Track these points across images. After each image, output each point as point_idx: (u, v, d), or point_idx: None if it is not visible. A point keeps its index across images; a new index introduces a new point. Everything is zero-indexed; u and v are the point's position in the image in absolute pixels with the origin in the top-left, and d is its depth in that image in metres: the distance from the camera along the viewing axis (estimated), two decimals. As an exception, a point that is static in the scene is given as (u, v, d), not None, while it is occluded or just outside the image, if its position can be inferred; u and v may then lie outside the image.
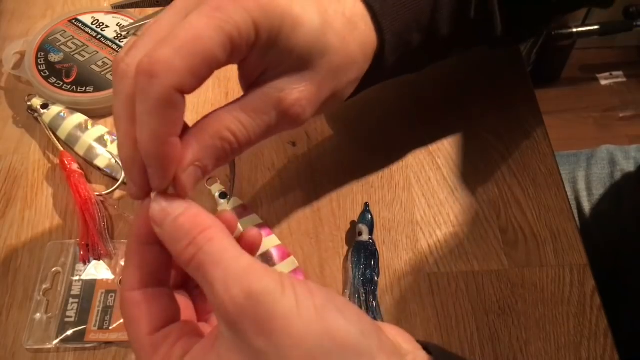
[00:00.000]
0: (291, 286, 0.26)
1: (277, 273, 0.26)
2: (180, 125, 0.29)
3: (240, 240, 0.32)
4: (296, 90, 0.34)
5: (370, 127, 0.56)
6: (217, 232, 0.28)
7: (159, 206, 0.29)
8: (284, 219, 0.50)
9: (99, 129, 0.54)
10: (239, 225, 0.36)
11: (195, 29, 0.28)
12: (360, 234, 0.48)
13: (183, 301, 0.33)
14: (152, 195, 0.30)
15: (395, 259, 0.48)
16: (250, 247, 0.33)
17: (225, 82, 0.58)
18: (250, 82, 0.34)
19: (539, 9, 0.50)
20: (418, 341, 0.31)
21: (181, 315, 0.32)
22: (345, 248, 0.48)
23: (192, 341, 0.29)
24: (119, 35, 0.60)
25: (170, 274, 0.32)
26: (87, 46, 0.59)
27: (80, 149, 0.53)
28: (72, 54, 0.58)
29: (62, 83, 0.56)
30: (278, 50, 0.32)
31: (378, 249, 0.47)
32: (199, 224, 0.28)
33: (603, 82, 1.76)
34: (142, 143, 0.28)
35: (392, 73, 0.46)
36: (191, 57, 0.28)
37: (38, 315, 0.45)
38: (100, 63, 0.58)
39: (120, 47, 0.59)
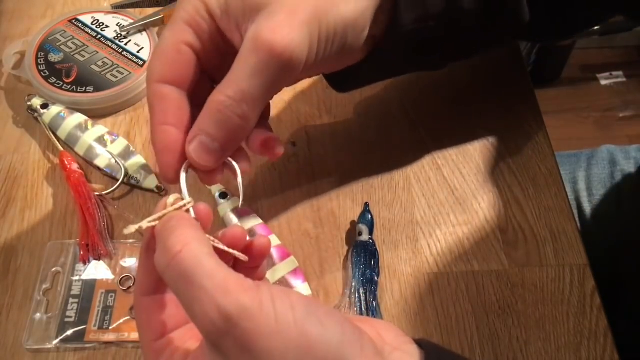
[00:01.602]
0: (270, 301, 0.26)
1: (254, 288, 0.26)
2: (175, 116, 0.33)
3: (249, 247, 0.32)
4: (264, 23, 0.32)
5: (370, 127, 0.56)
6: (190, 241, 0.27)
7: (169, 217, 0.30)
8: (284, 219, 0.50)
9: (99, 129, 0.54)
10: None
11: (165, 33, 0.34)
12: (360, 233, 0.48)
13: None
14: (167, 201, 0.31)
15: (395, 258, 0.48)
16: (259, 255, 0.33)
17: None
18: None
19: (570, 10, 0.48)
20: (413, 339, 0.31)
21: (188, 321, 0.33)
22: (345, 248, 0.48)
23: (192, 349, 0.30)
24: (119, 35, 0.60)
25: None
26: (87, 46, 0.59)
27: (80, 149, 0.53)
28: (72, 54, 0.58)
29: (62, 83, 0.56)
30: (233, 3, 0.33)
31: (378, 249, 0.47)
32: (175, 232, 0.28)
33: (603, 82, 1.76)
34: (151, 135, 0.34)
35: (413, 46, 0.42)
36: (160, 52, 0.34)
37: (38, 315, 0.45)
38: (100, 63, 0.58)
39: (120, 47, 0.59)
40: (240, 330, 0.25)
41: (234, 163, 0.35)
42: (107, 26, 0.61)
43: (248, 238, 0.32)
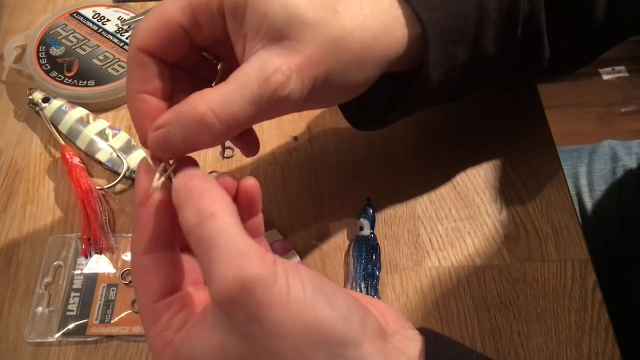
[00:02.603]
0: (284, 276, 0.27)
1: (271, 260, 0.27)
2: (153, 86, 0.33)
3: (236, 194, 0.33)
4: (276, 58, 0.32)
5: (372, 121, 0.56)
6: (220, 208, 0.28)
7: (183, 175, 0.30)
8: (285, 214, 0.50)
9: (100, 122, 0.54)
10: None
11: (163, 3, 0.33)
12: (361, 228, 0.48)
13: (190, 263, 0.34)
14: (171, 162, 0.32)
15: (396, 253, 0.48)
16: (248, 200, 0.33)
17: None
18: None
19: (586, 38, 0.47)
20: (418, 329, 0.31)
21: (187, 278, 0.33)
22: (347, 242, 0.48)
23: (192, 313, 0.30)
24: (120, 29, 0.60)
25: (176, 237, 0.32)
26: (88, 40, 0.59)
27: (81, 143, 0.53)
28: (73, 47, 0.58)
29: (63, 77, 0.56)
30: (252, 17, 0.32)
31: (379, 244, 0.47)
32: (206, 196, 0.29)
33: (605, 77, 1.76)
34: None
35: (436, 95, 0.43)
36: (151, 21, 0.33)
37: (40, 309, 0.45)
38: (101, 57, 0.58)
39: (121, 40, 0.59)
40: (253, 299, 0.26)
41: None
42: (108, 20, 0.61)
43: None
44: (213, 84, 0.38)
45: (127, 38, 0.59)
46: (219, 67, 0.38)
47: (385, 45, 0.36)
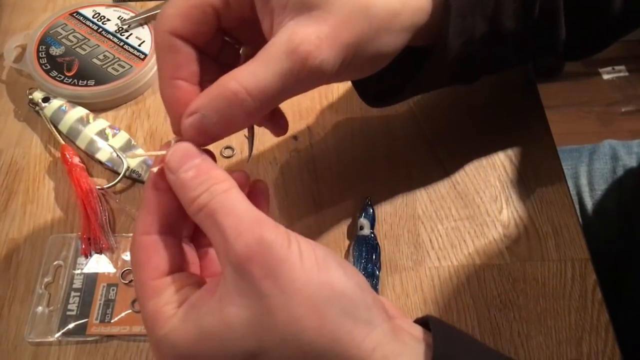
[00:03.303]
0: (296, 241, 0.28)
1: (284, 228, 0.29)
2: (187, 71, 0.32)
3: (248, 193, 0.34)
4: (305, 29, 0.31)
5: (372, 120, 0.56)
6: (231, 186, 0.30)
7: (175, 154, 0.31)
8: (285, 213, 0.50)
9: (100, 122, 0.54)
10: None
11: None
12: (361, 228, 0.48)
13: (191, 255, 0.34)
14: (173, 141, 0.32)
15: (396, 253, 0.48)
16: (259, 197, 0.34)
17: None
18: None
19: (601, 23, 0.47)
20: (419, 318, 0.32)
21: (189, 267, 0.33)
22: (347, 242, 0.48)
23: (194, 291, 0.30)
24: (120, 29, 0.60)
25: (182, 225, 0.33)
26: (88, 40, 0.59)
27: (81, 143, 0.53)
28: (73, 47, 0.58)
29: (63, 76, 0.56)
30: None
31: (379, 243, 0.47)
32: (214, 176, 0.30)
33: (605, 77, 1.76)
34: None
35: (452, 70, 0.43)
36: (181, 3, 0.32)
37: (40, 308, 0.45)
38: (101, 57, 0.58)
39: (121, 40, 0.59)
40: (271, 255, 0.27)
41: None
42: (108, 19, 0.61)
43: None
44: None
45: (127, 38, 0.59)
46: (241, 51, 0.38)
47: (412, 11, 0.36)
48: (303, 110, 0.56)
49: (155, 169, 0.31)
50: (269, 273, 0.27)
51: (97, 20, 0.61)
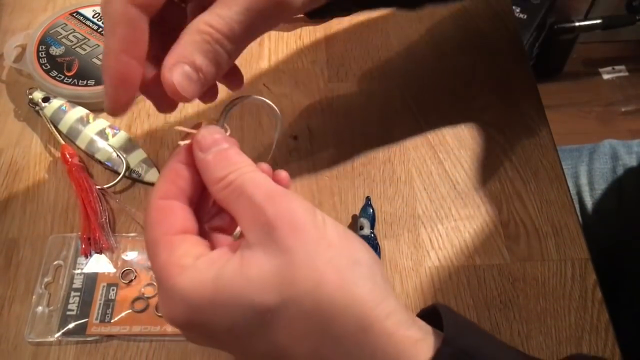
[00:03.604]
0: (321, 214, 0.29)
1: (310, 204, 0.30)
2: (140, 48, 0.30)
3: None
4: None
5: (372, 121, 0.56)
6: (257, 169, 0.31)
7: (210, 135, 0.31)
8: (285, 213, 0.50)
9: (100, 122, 0.54)
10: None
11: None
12: (361, 228, 0.47)
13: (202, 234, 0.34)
14: (204, 124, 0.32)
15: (396, 252, 0.48)
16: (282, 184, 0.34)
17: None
18: None
19: None
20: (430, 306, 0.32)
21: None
22: (347, 242, 0.48)
23: (209, 250, 0.30)
24: (120, 29, 0.60)
25: (196, 200, 0.32)
26: (88, 39, 0.59)
27: (81, 143, 0.53)
28: (73, 47, 0.58)
29: (63, 76, 0.56)
30: None
31: (379, 243, 0.47)
32: (242, 160, 0.31)
33: (605, 77, 1.76)
34: (102, 61, 0.31)
35: None
36: None
37: (40, 308, 0.45)
38: (101, 56, 0.57)
39: (121, 40, 0.59)
40: (297, 218, 0.28)
41: (274, 107, 0.35)
42: (108, 19, 0.61)
43: None
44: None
45: (127, 37, 0.59)
46: (188, 10, 0.37)
47: None
48: (303, 110, 0.56)
49: (182, 143, 0.32)
50: (295, 232, 0.28)
51: (97, 20, 0.61)
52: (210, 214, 0.33)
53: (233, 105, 0.34)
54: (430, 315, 0.31)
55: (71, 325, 0.44)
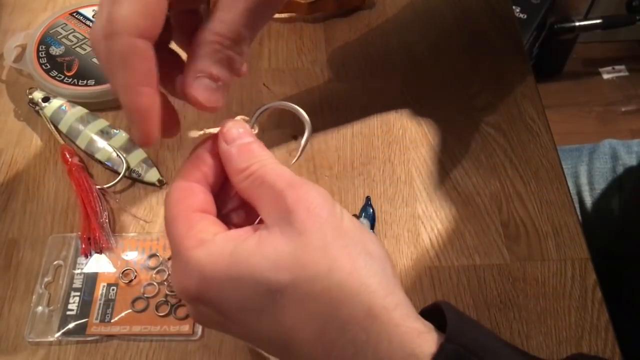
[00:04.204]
0: (339, 206, 0.31)
1: (330, 196, 0.31)
2: (153, 77, 0.30)
3: None
4: None
5: (372, 120, 0.56)
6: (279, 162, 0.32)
7: (235, 128, 0.33)
8: (285, 213, 0.50)
9: (100, 122, 0.54)
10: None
11: None
12: (361, 227, 0.47)
13: None
14: (237, 118, 0.34)
15: (396, 252, 0.48)
16: None
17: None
18: None
19: None
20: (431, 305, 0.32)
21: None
22: (347, 242, 0.48)
23: (226, 230, 0.31)
24: (120, 29, 0.60)
25: (216, 191, 0.33)
26: (88, 39, 0.59)
27: (81, 142, 0.53)
28: (73, 47, 0.58)
29: (63, 76, 0.56)
30: None
31: (379, 243, 0.47)
32: (265, 154, 0.32)
33: (605, 76, 1.76)
34: (120, 98, 0.30)
35: None
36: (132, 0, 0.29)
37: (40, 308, 0.45)
38: (101, 56, 0.57)
39: (121, 40, 0.59)
40: (316, 205, 0.29)
41: (304, 114, 0.36)
42: (108, 19, 0.61)
43: None
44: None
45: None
46: (201, 9, 0.36)
47: None
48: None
49: (209, 131, 0.33)
50: (312, 217, 0.29)
51: (97, 20, 0.60)
52: (228, 208, 0.34)
53: (265, 109, 0.36)
54: (432, 314, 0.31)
55: (71, 325, 0.44)
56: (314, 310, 0.28)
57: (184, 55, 0.34)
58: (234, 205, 0.34)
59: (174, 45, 0.35)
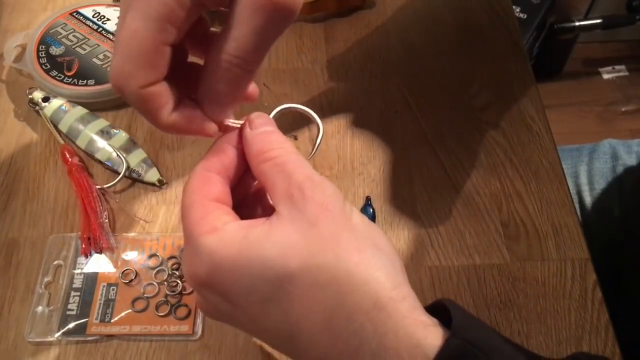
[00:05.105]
0: (350, 204, 0.31)
1: (341, 194, 0.31)
2: (168, 102, 0.30)
3: None
4: None
5: (372, 120, 0.56)
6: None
7: (261, 117, 0.33)
8: (285, 213, 0.50)
9: (100, 122, 0.54)
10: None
11: (129, 29, 0.28)
12: (361, 227, 0.47)
13: None
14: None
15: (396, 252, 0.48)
16: None
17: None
18: None
19: None
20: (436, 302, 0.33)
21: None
22: (347, 242, 0.48)
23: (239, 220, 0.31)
24: (120, 29, 0.60)
25: (233, 185, 0.34)
26: (88, 39, 0.59)
27: (81, 142, 0.53)
28: (73, 47, 0.58)
29: (63, 76, 0.56)
30: None
31: (379, 243, 0.47)
32: (289, 143, 0.33)
33: (605, 76, 1.76)
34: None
35: None
36: (133, 54, 0.28)
37: (40, 308, 0.45)
38: (101, 56, 0.58)
39: (121, 40, 0.59)
40: (329, 200, 0.30)
41: (317, 117, 0.37)
42: (108, 19, 0.61)
43: None
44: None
45: (127, 37, 0.59)
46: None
47: None
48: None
49: (231, 122, 0.33)
50: (325, 211, 0.29)
51: (97, 19, 0.61)
52: (241, 204, 0.34)
53: (281, 113, 0.36)
54: (434, 312, 0.31)
55: (71, 325, 0.44)
56: (321, 299, 0.28)
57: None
58: (247, 202, 0.35)
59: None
